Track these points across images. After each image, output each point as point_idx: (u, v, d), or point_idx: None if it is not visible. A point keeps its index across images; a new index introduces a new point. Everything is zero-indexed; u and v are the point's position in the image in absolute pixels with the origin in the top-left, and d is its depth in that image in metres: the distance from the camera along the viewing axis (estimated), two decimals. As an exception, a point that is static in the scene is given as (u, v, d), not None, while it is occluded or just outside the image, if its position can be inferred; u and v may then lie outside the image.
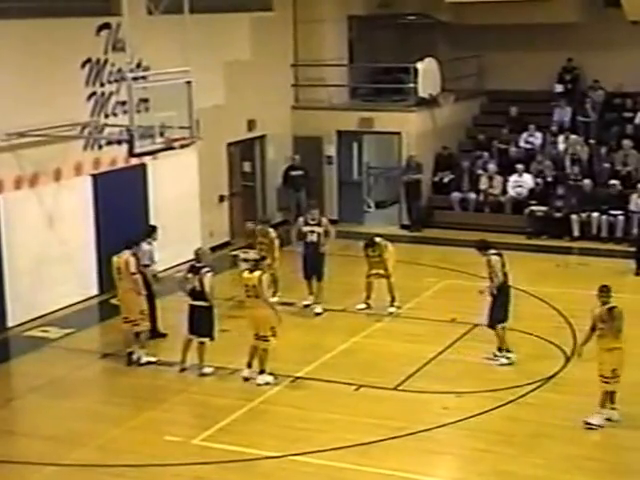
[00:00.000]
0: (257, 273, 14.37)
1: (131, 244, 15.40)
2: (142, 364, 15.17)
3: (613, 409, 12.88)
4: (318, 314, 17.50)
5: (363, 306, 17.62)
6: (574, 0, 24.79)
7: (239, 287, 14.71)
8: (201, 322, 14.67)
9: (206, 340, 14.70)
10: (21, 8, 16.99)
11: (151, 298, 15.74)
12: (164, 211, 19.55)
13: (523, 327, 16.34)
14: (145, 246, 15.97)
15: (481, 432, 12.77)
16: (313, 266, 17.67)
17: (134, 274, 15.13)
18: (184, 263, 19.04)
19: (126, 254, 15.24)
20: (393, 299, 17.54)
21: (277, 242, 18.07)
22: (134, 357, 15.24)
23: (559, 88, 25.97)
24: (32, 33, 17.12)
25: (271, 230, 18.24)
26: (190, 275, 14.74)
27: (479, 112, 27.27)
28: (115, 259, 15.32)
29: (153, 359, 15.27)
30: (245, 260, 17.03)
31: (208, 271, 14.64)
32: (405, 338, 16.31)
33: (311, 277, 17.80)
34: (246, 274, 14.54)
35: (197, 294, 14.63)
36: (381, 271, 17.47)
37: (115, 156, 18.97)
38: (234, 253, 19.20)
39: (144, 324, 15.35)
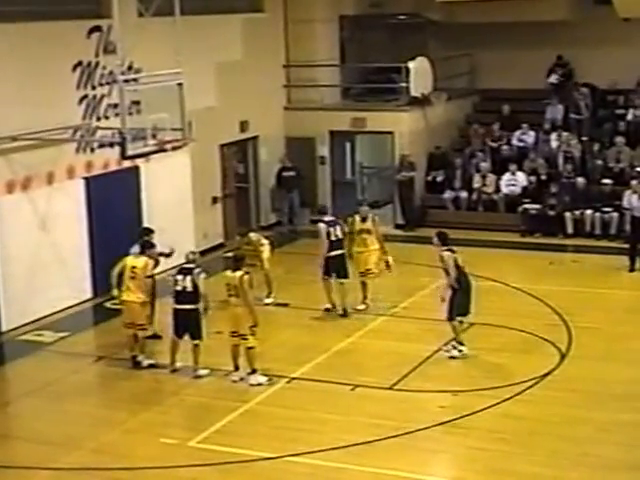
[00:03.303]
0: (239, 273, 14.40)
1: (145, 248, 15.58)
2: (144, 367, 15.15)
3: None
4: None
5: (362, 307, 17.60)
6: (565, -2, 24.88)
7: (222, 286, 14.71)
8: (190, 324, 14.66)
9: (198, 342, 14.68)
10: (11, 11, 16.94)
11: (151, 301, 15.72)
12: (157, 213, 19.50)
13: (518, 325, 16.37)
14: (135, 248, 15.95)
15: (477, 430, 12.77)
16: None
17: (149, 277, 15.24)
18: (178, 265, 19.09)
19: (144, 258, 15.30)
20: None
21: (266, 243, 18.10)
22: (139, 359, 15.24)
23: (553, 79, 25.91)
24: (23, 37, 17.08)
25: (252, 235, 18.28)
26: (180, 277, 14.73)
27: (471, 111, 27.28)
28: (131, 259, 15.30)
29: (153, 362, 15.28)
30: (228, 258, 17.11)
31: (201, 272, 14.66)
32: (400, 337, 16.29)
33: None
34: (228, 273, 14.57)
35: (186, 295, 14.60)
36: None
37: (107, 159, 18.94)
38: (227, 255, 19.22)
39: (151, 328, 15.38)
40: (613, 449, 12.11)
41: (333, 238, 17.14)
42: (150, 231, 16.53)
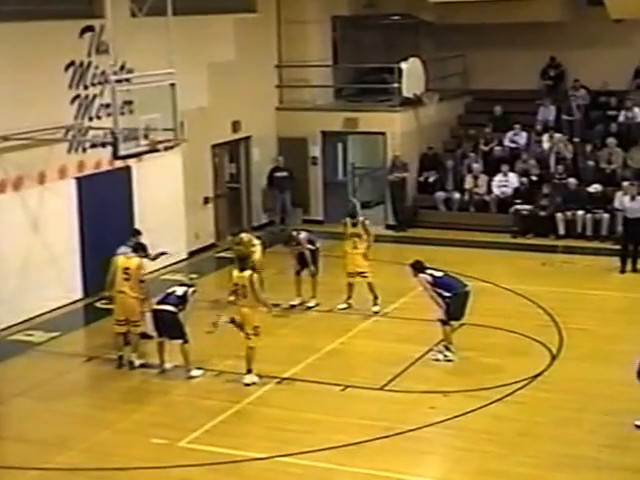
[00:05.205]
0: (247, 273, 14.42)
1: (138, 248, 15.56)
2: (135, 367, 15.15)
3: None
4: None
5: (344, 306, 17.65)
6: (557, -1, 24.93)
7: (224, 288, 14.70)
8: (167, 325, 14.70)
9: (182, 342, 14.67)
10: (3, 11, 16.91)
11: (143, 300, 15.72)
12: (149, 214, 19.49)
13: (509, 325, 16.39)
14: (122, 249, 15.92)
15: (468, 431, 12.78)
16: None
17: (143, 281, 15.21)
18: (169, 266, 19.13)
19: (137, 258, 15.28)
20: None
21: (257, 243, 18.10)
22: (124, 360, 15.21)
23: (547, 81, 26.03)
24: (15, 36, 17.04)
25: (244, 235, 18.29)
26: (177, 286, 14.95)
27: (464, 111, 27.32)
28: (122, 259, 15.27)
29: (144, 361, 15.27)
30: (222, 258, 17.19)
31: (195, 291, 14.98)
32: (391, 338, 16.31)
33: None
34: (236, 273, 14.56)
35: (171, 297, 14.72)
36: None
37: (99, 159, 18.92)
38: (219, 255, 19.22)
39: (143, 325, 15.39)
40: (602, 450, 12.13)
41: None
42: (138, 232, 16.50)
